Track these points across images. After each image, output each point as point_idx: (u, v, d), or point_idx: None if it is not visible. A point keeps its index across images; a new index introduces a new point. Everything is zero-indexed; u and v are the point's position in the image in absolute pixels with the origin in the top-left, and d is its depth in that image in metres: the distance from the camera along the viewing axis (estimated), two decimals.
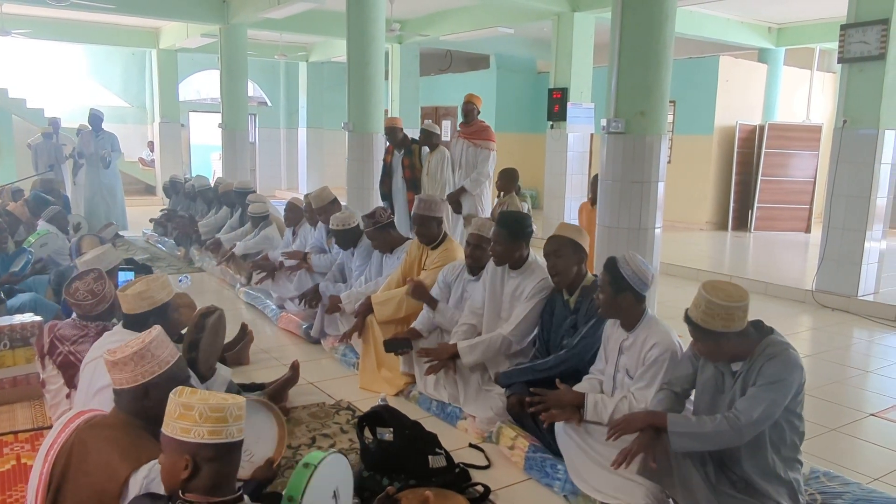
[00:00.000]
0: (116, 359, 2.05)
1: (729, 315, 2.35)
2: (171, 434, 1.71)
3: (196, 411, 1.68)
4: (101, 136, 9.73)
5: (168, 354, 2.11)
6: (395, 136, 7.24)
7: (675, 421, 2.45)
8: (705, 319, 2.38)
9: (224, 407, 1.71)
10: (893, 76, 6.10)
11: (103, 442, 1.97)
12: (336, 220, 5.08)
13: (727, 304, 2.35)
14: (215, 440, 1.69)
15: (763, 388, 2.35)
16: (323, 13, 11.19)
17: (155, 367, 2.06)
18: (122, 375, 2.05)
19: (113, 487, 1.88)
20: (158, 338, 2.12)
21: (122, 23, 13.01)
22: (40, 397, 3.75)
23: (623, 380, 2.96)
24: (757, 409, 2.33)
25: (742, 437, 2.37)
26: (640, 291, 2.86)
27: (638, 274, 2.84)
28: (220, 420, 1.70)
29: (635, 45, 4.73)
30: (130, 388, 2.04)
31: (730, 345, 2.42)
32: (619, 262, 2.87)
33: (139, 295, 2.85)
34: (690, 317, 2.45)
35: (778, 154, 11.27)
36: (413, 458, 2.97)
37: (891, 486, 3.12)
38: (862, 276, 6.39)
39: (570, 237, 3.37)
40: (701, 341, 2.48)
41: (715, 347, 2.45)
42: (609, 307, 2.92)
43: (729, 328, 2.37)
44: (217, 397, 1.75)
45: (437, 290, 4.14)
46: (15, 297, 4.66)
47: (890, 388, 4.53)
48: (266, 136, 17.13)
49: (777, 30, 11.73)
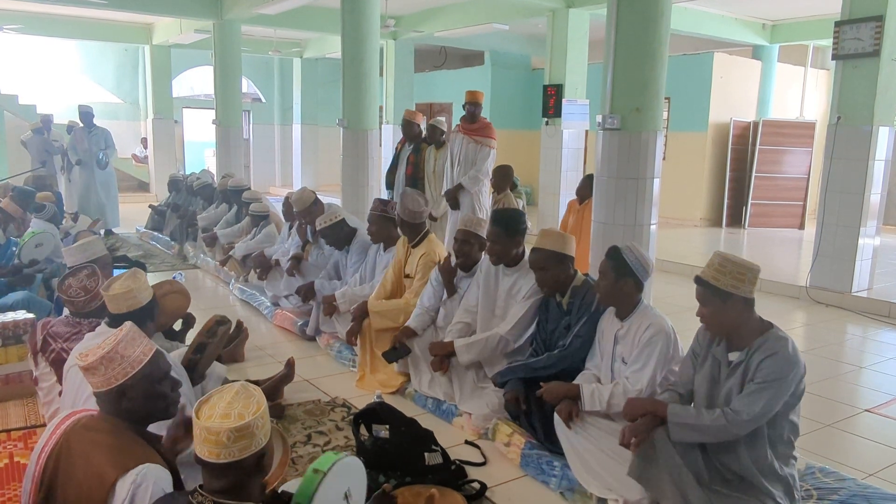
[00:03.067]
0: (87, 363, 1.99)
1: (740, 275, 2.42)
2: (203, 457, 1.70)
3: (223, 435, 1.67)
4: (94, 131, 9.53)
5: (140, 352, 2.03)
6: (410, 130, 7.24)
7: (674, 412, 2.50)
8: (716, 277, 2.45)
9: (249, 424, 1.69)
10: (887, 73, 6.12)
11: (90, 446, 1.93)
12: (321, 220, 5.06)
13: (740, 263, 2.44)
14: (247, 454, 1.70)
15: (762, 386, 2.38)
16: (317, 9, 11.15)
17: (127, 367, 1.99)
18: (96, 379, 1.99)
19: (100, 492, 1.85)
20: (128, 336, 2.05)
21: (114, 18, 12.94)
22: (33, 395, 3.73)
23: (619, 368, 2.98)
24: (755, 407, 2.37)
25: (738, 433, 2.42)
26: (642, 279, 2.93)
27: (641, 261, 2.92)
28: (247, 437, 1.69)
29: (630, 41, 4.72)
30: (106, 391, 1.99)
31: (734, 312, 2.45)
32: (622, 249, 2.95)
33: (123, 295, 2.83)
34: (701, 276, 2.50)
35: (772, 151, 11.29)
36: (409, 455, 2.97)
37: (886, 482, 3.13)
38: (856, 272, 6.42)
39: (552, 250, 3.31)
40: (707, 305, 2.50)
41: (719, 312, 2.47)
42: (609, 293, 2.96)
43: (738, 289, 2.42)
44: (236, 409, 1.71)
45: (429, 289, 4.13)
46: (7, 295, 4.63)
47: (884, 383, 4.55)
48: (260, 133, 17.07)
49: (771, 26, 11.74)
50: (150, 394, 2.01)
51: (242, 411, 1.70)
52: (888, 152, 6.39)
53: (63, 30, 12.86)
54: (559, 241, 3.34)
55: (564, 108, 9.24)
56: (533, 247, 3.40)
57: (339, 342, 4.77)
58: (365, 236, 5.02)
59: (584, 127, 9.71)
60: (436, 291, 4.11)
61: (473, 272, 3.97)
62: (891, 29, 6.01)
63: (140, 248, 9.04)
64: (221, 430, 1.67)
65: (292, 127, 16.85)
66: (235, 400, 1.72)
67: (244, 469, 1.71)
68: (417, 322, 4.06)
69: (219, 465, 1.69)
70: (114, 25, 13.36)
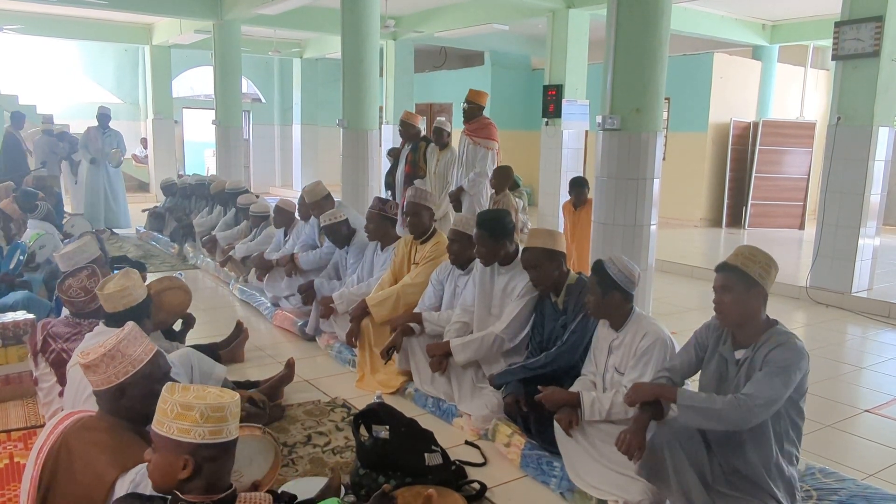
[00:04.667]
0: (88, 361, 2.00)
1: (768, 266, 2.49)
2: (168, 434, 1.66)
3: (196, 411, 1.65)
4: (108, 133, 9.82)
5: (142, 352, 2.05)
6: (407, 130, 7.29)
7: (684, 395, 2.45)
8: (746, 263, 2.49)
9: (224, 406, 1.68)
10: (887, 73, 6.12)
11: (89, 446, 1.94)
12: (325, 217, 5.11)
13: (769, 256, 2.50)
14: (216, 440, 1.67)
15: (771, 373, 2.35)
16: (317, 9, 11.15)
17: (128, 366, 2.00)
18: (96, 377, 2.00)
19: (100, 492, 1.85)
20: (130, 336, 2.06)
21: (114, 19, 12.94)
22: (33, 395, 3.73)
23: (613, 378, 2.98)
24: (765, 392, 2.32)
25: (748, 420, 2.33)
26: (628, 290, 2.94)
27: (624, 272, 2.92)
28: (220, 420, 1.67)
29: (631, 41, 4.72)
30: (105, 389, 2.00)
31: (754, 303, 2.48)
32: (605, 263, 2.96)
33: (118, 293, 2.83)
34: (730, 262, 2.52)
35: (772, 151, 11.29)
36: (409, 455, 2.96)
37: (886, 483, 3.13)
38: (856, 272, 6.41)
39: (543, 247, 3.34)
40: (731, 291, 2.49)
41: (741, 301, 2.48)
42: (598, 307, 2.99)
43: (763, 280, 2.47)
44: (213, 394, 1.71)
45: (430, 289, 4.15)
46: (7, 296, 4.63)
47: (884, 384, 4.55)
48: (260, 133, 17.07)
49: (771, 27, 11.75)
50: (150, 393, 2.01)
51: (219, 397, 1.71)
52: (888, 152, 6.39)
53: (63, 30, 12.86)
54: (548, 238, 3.38)
55: (564, 109, 9.24)
56: (524, 247, 3.44)
57: (339, 342, 4.77)
58: (364, 236, 5.04)
59: (584, 127, 9.71)
60: (436, 291, 4.14)
61: (469, 270, 3.98)
62: (891, 29, 6.01)
63: (140, 248, 9.04)
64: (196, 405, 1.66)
65: (292, 127, 16.85)
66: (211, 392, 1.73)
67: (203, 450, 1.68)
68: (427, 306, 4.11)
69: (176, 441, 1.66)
70: (114, 25, 13.36)
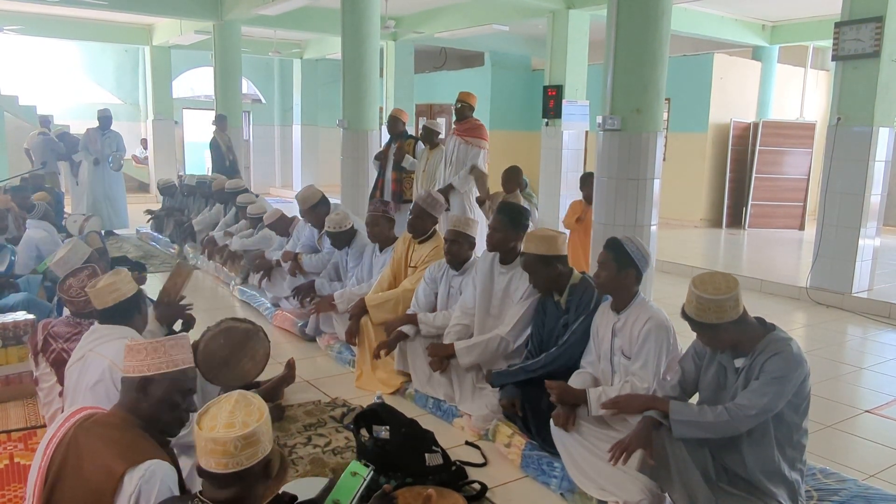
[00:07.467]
0: (134, 343, 2.06)
1: (720, 307, 2.40)
2: (210, 469, 1.68)
3: (231, 444, 1.66)
4: (108, 134, 9.81)
5: (181, 359, 2.08)
6: (395, 127, 7.33)
7: (676, 409, 2.50)
8: (698, 314, 2.44)
9: (255, 432, 1.69)
10: (887, 74, 6.12)
11: (98, 440, 1.95)
12: (331, 223, 5.08)
13: (716, 298, 2.40)
14: (254, 462, 1.69)
15: (765, 383, 2.38)
16: (317, 10, 11.16)
17: (163, 363, 2.03)
18: (131, 362, 2.04)
19: (108, 485, 1.86)
20: (180, 343, 2.11)
21: (115, 19, 12.94)
22: (33, 396, 3.73)
23: (620, 361, 2.97)
24: (758, 403, 2.37)
25: (740, 428, 2.42)
26: (642, 269, 2.95)
27: (641, 251, 2.94)
28: (253, 444, 1.68)
29: (631, 42, 4.72)
30: (132, 377, 2.03)
31: (729, 334, 2.46)
32: (622, 240, 2.97)
33: (106, 288, 2.83)
34: (686, 312, 2.51)
35: (772, 151, 11.29)
36: (409, 455, 2.96)
37: (887, 483, 3.13)
38: (856, 273, 6.41)
39: (536, 254, 3.27)
40: (700, 333, 2.54)
41: (714, 337, 2.50)
42: (609, 283, 2.97)
43: (722, 319, 2.42)
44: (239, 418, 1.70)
45: (423, 287, 4.14)
46: (7, 296, 4.63)
47: (885, 384, 4.54)
48: (260, 134, 17.07)
49: (771, 27, 11.75)
50: (168, 399, 2.03)
51: (246, 419, 1.69)
52: (888, 153, 6.39)
53: (63, 30, 12.86)
54: (542, 243, 3.28)
55: (565, 109, 9.24)
56: (521, 251, 3.42)
57: (339, 343, 4.78)
58: (363, 238, 5.04)
59: (585, 128, 9.71)
60: (430, 289, 4.14)
61: (464, 271, 3.98)
62: (891, 29, 6.01)
63: (140, 248, 9.04)
64: (228, 439, 1.65)
65: (292, 128, 16.85)
66: (236, 409, 1.71)
67: (251, 476, 1.70)
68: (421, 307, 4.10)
69: (225, 475, 1.68)
70: (114, 26, 13.36)
